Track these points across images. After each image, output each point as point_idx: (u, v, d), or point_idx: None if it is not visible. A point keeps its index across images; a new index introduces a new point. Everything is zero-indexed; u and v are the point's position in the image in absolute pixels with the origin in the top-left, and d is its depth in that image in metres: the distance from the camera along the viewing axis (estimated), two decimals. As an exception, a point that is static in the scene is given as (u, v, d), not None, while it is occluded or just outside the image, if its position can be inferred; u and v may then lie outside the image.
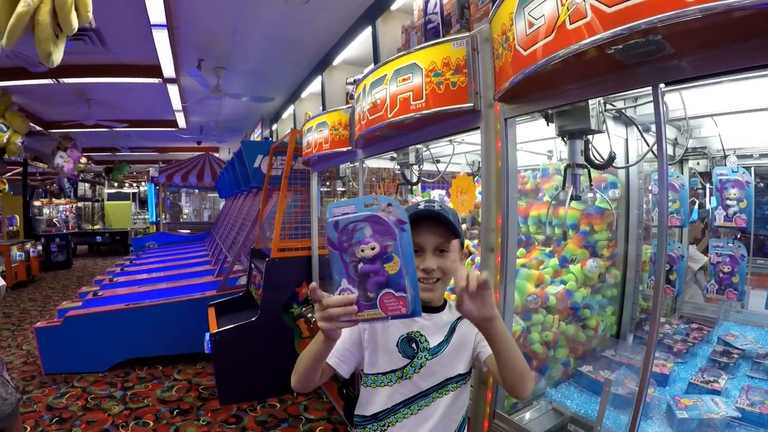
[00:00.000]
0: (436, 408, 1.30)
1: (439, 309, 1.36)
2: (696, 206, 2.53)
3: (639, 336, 2.30)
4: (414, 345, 1.29)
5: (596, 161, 1.74)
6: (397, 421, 1.28)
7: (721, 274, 1.97)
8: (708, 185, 2.34)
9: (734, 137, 2.26)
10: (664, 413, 1.69)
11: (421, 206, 1.29)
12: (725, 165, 2.07)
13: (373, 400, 1.30)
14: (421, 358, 1.28)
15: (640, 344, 2.21)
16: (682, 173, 2.53)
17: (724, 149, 2.26)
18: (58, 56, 2.61)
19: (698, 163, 2.52)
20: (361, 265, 0.95)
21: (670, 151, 2.42)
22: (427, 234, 1.27)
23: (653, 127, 1.67)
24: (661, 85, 1.17)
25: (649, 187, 2.29)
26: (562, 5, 1.12)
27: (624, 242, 2.39)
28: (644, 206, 2.34)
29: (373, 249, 0.95)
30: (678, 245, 2.15)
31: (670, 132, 2.39)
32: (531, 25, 1.25)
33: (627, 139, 2.28)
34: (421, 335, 1.30)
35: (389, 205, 0.97)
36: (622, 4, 1.00)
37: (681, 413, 1.61)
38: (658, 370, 1.90)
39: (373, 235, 0.95)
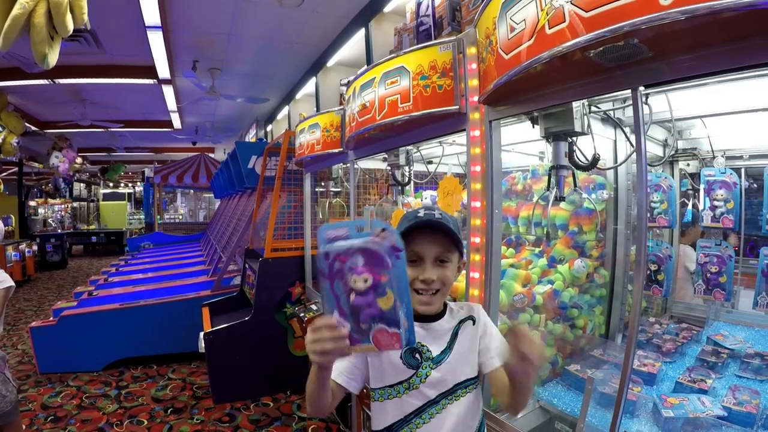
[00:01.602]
0: (449, 415, 1.29)
1: (438, 317, 1.33)
2: (690, 207, 2.55)
3: (628, 335, 2.32)
4: (417, 355, 1.27)
5: (580, 163, 1.75)
6: (410, 431, 1.27)
7: (708, 275, 1.99)
8: (701, 187, 2.35)
9: (724, 138, 2.28)
10: (651, 412, 1.70)
11: (421, 214, 1.25)
12: (713, 166, 2.08)
13: (385, 413, 1.29)
14: (426, 367, 1.27)
15: (629, 343, 2.23)
16: (672, 174, 2.55)
17: (713, 150, 2.27)
18: (53, 58, 2.61)
19: (688, 165, 2.53)
20: (353, 296, 0.91)
21: (659, 152, 2.43)
22: (426, 243, 1.24)
23: (645, 128, 1.69)
24: (641, 88, 1.18)
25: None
26: (542, 10, 1.13)
27: (612, 242, 2.41)
28: (633, 207, 2.36)
29: (366, 281, 0.90)
30: (666, 245, 2.17)
31: (659, 133, 2.41)
32: (512, 29, 1.27)
33: (615, 141, 2.29)
34: (423, 345, 1.28)
35: (383, 230, 0.92)
36: (599, 9, 1.01)
37: (667, 412, 1.62)
38: (646, 370, 1.92)
39: (366, 265, 0.90)
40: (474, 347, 1.35)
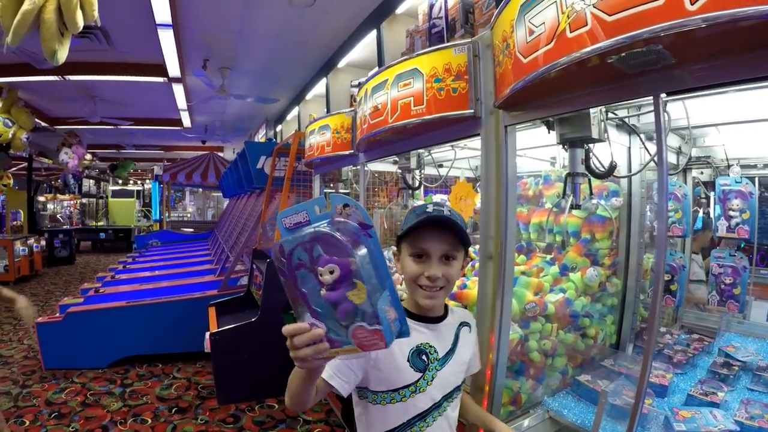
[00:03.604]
0: (447, 418, 1.30)
1: (442, 318, 1.34)
2: (700, 214, 2.51)
3: (639, 346, 2.29)
4: (424, 357, 1.25)
5: (597, 170, 1.72)
6: None
7: (722, 286, 1.95)
8: (712, 194, 2.32)
9: (739, 147, 2.25)
10: (662, 425, 1.67)
11: (430, 209, 1.23)
12: (729, 175, 2.05)
13: (386, 418, 1.25)
14: (432, 369, 1.25)
15: (640, 354, 2.19)
16: (686, 182, 2.51)
17: (728, 159, 2.24)
18: (63, 54, 2.63)
19: (702, 173, 2.50)
20: (323, 292, 0.78)
21: (673, 160, 2.40)
22: (433, 240, 1.22)
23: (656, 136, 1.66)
24: (663, 95, 1.15)
25: (652, 196, 2.28)
26: (563, 13, 1.10)
27: (625, 251, 2.37)
28: (647, 215, 2.32)
29: (332, 273, 0.77)
30: (680, 255, 2.14)
31: (673, 141, 2.38)
32: (531, 32, 1.24)
33: (630, 148, 2.26)
34: (431, 346, 1.27)
35: (346, 206, 0.80)
36: (623, 13, 0.98)
37: (678, 425, 1.59)
38: (657, 381, 1.89)
39: (328, 252, 0.77)
40: (470, 352, 1.40)
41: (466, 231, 1.25)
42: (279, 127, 9.67)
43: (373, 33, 4.36)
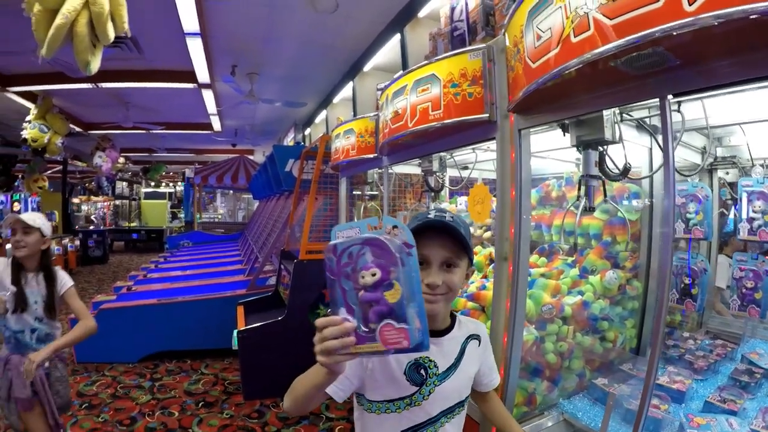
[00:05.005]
0: None
1: (446, 330, 1.30)
2: (731, 216, 2.45)
3: (651, 349, 2.24)
4: (423, 371, 1.22)
5: (611, 172, 1.72)
6: None
7: (743, 290, 1.91)
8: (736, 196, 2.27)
9: (764, 146, 2.20)
10: (676, 431, 1.65)
11: (431, 215, 1.21)
12: (752, 176, 2.01)
13: (380, 427, 1.24)
14: (430, 384, 1.22)
15: (660, 358, 2.16)
16: (711, 183, 2.47)
17: (752, 158, 2.19)
18: (96, 64, 2.74)
19: (727, 173, 2.44)
20: (362, 293, 0.87)
21: (697, 160, 2.36)
22: (434, 247, 1.19)
23: (678, 136, 1.65)
24: (669, 96, 1.16)
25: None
26: (567, 18, 1.12)
27: (647, 254, 2.34)
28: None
29: (374, 275, 0.86)
30: (701, 258, 2.10)
31: (698, 140, 2.34)
32: (539, 37, 1.26)
33: (651, 149, 2.23)
34: (431, 361, 1.23)
35: (395, 227, 0.89)
36: (624, 16, 0.99)
37: (692, 432, 1.57)
38: (675, 387, 1.85)
39: (374, 260, 0.86)
40: (476, 367, 1.37)
41: (469, 239, 1.23)
42: (307, 131, 9.79)
43: (397, 37, 4.40)
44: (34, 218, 2.36)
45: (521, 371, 1.84)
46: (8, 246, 2.35)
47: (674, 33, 0.92)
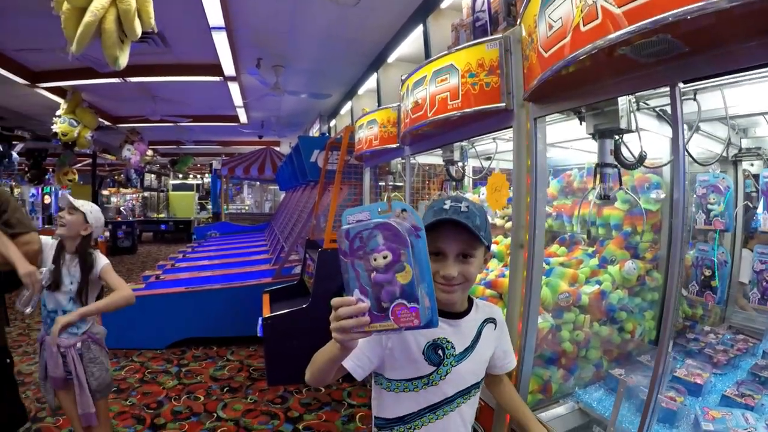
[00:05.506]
0: (460, 414, 1.31)
1: (464, 313, 1.33)
2: (760, 210, 2.40)
3: (679, 343, 2.22)
4: (440, 351, 1.25)
5: (626, 161, 1.72)
6: (423, 425, 1.27)
7: (764, 283, 1.88)
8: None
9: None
10: (691, 424, 1.65)
11: (447, 206, 1.22)
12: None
13: (398, 405, 1.28)
14: (447, 364, 1.25)
15: (680, 352, 2.15)
16: (736, 175, 2.42)
17: (775, 149, 2.15)
18: (124, 59, 2.83)
19: (752, 165, 2.39)
20: (374, 274, 0.91)
21: (721, 151, 2.32)
22: (449, 239, 1.21)
23: (694, 125, 1.63)
24: (680, 84, 1.15)
25: (695, 189, 2.21)
26: (576, 7, 1.13)
27: (667, 245, 2.32)
28: (690, 208, 2.26)
29: (385, 258, 0.89)
30: (722, 250, 2.07)
31: (722, 131, 2.30)
32: (551, 27, 1.27)
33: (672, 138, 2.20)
34: (448, 341, 1.26)
35: (403, 210, 0.92)
36: (632, 4, 0.99)
37: (707, 425, 1.55)
38: (693, 380, 1.85)
39: (385, 243, 0.90)
40: (491, 350, 1.39)
41: (486, 227, 1.23)
42: (333, 122, 9.85)
43: (420, 28, 4.40)
44: (82, 203, 2.48)
45: (537, 359, 1.86)
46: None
47: (688, 17, 0.92)
